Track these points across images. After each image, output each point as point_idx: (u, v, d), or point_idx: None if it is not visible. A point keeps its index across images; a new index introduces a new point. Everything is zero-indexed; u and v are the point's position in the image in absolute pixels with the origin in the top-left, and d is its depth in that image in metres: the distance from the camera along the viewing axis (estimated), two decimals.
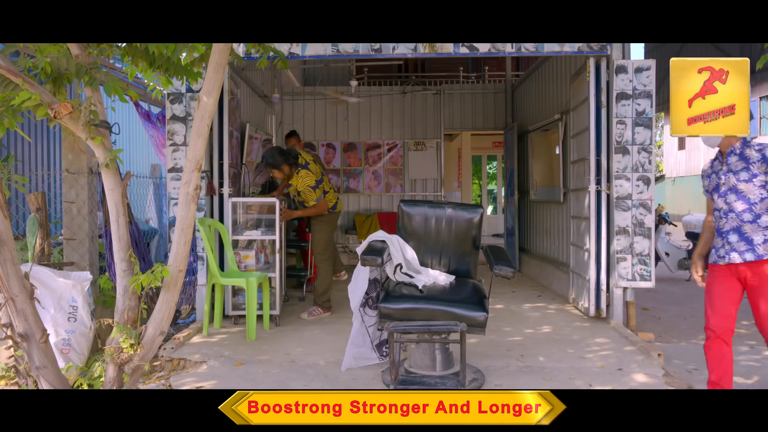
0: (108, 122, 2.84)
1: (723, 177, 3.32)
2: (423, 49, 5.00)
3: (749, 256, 3.17)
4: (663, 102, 11.75)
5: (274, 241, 5.40)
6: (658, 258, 7.87)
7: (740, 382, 3.81)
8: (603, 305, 5.11)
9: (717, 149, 3.40)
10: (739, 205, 3.23)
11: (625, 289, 5.03)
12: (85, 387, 3.62)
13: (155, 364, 4.17)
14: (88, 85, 2.71)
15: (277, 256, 5.33)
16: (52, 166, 8.10)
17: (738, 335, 4.97)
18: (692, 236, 8.42)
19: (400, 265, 3.86)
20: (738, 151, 3.29)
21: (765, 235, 3.18)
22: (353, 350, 3.96)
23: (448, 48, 4.99)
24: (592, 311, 5.18)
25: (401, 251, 3.92)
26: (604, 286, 5.09)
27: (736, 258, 3.20)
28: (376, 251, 3.70)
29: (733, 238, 3.23)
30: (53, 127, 3.26)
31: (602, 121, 5.02)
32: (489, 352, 4.32)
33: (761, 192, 3.21)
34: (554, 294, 6.60)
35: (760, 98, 15.09)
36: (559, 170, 6.52)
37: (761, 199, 3.20)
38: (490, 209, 16.76)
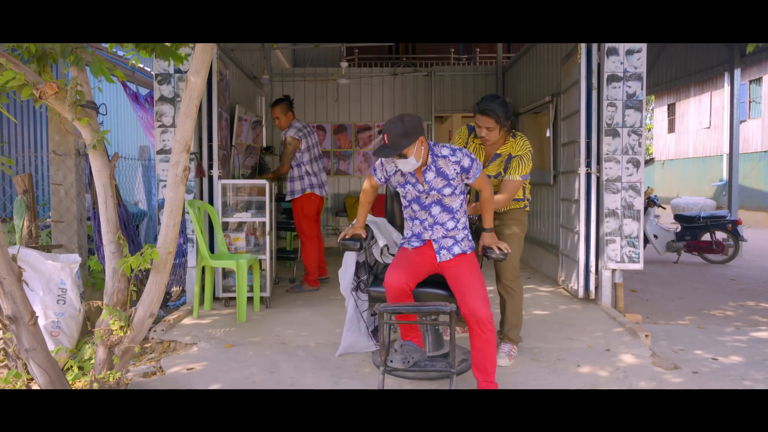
0: (94, 103, 2.81)
1: (424, 193, 3.31)
2: None
3: (456, 250, 3.34)
4: (654, 85, 11.76)
5: (264, 223, 5.39)
6: (646, 240, 7.94)
7: (723, 360, 3.86)
8: (592, 287, 5.15)
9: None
10: (444, 216, 3.34)
11: (613, 270, 5.07)
12: (75, 369, 3.61)
13: (146, 346, 4.17)
14: (73, 64, 2.67)
15: (267, 238, 5.33)
16: (39, 147, 8.02)
17: (724, 317, 5.04)
18: (681, 219, 8.48)
19: (386, 246, 3.86)
20: (433, 167, 3.24)
21: (466, 233, 3.38)
22: (349, 338, 3.95)
23: None
24: (581, 293, 5.22)
25: (387, 233, 3.92)
26: (593, 268, 5.12)
27: (446, 255, 3.35)
28: (356, 236, 3.71)
29: (443, 242, 3.36)
30: (39, 107, 3.22)
31: (593, 104, 5.02)
32: None
33: (460, 199, 3.33)
34: (544, 276, 6.64)
35: (750, 82, 15.13)
36: (549, 153, 6.53)
37: (461, 204, 3.35)
38: None
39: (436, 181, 3.25)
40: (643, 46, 4.95)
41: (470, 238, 3.41)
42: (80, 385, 3.46)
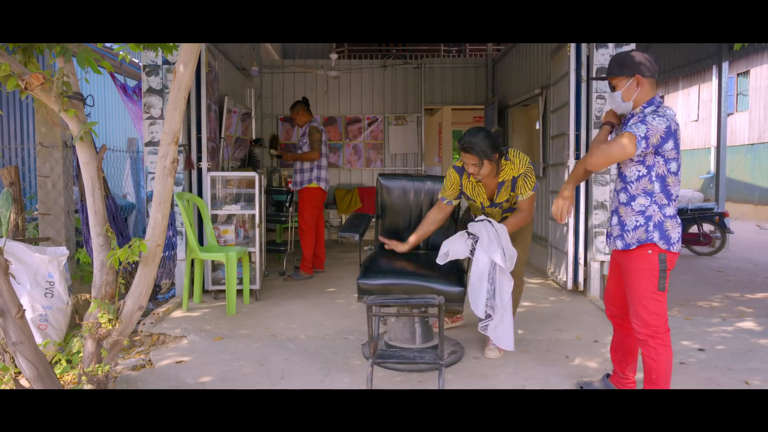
0: (81, 94, 2.78)
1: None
2: None
3: (619, 244, 2.84)
4: None
5: (253, 216, 5.38)
6: None
7: (709, 350, 3.90)
8: (581, 279, 5.19)
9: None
10: (618, 184, 2.86)
11: (602, 262, 5.10)
12: (64, 363, 3.60)
13: (135, 339, 4.15)
14: (60, 55, 2.64)
15: (257, 230, 5.31)
16: (26, 139, 7.93)
17: (711, 308, 5.09)
18: None
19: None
20: (636, 119, 2.76)
21: (637, 221, 2.76)
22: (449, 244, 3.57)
23: None
24: (570, 284, 5.25)
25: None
26: (581, 260, 5.16)
27: (611, 244, 2.92)
28: (353, 227, 3.74)
29: (614, 220, 2.90)
30: (25, 99, 3.19)
31: (582, 96, 5.04)
32: (468, 325, 4.37)
33: (638, 168, 2.74)
34: (533, 268, 6.67)
35: (737, 75, 15.22)
36: (539, 145, 6.55)
37: (638, 178, 2.74)
38: None
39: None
40: None
41: (650, 229, 2.73)
42: (68, 378, 3.45)
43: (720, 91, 9.29)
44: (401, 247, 3.82)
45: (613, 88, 2.84)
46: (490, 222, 3.51)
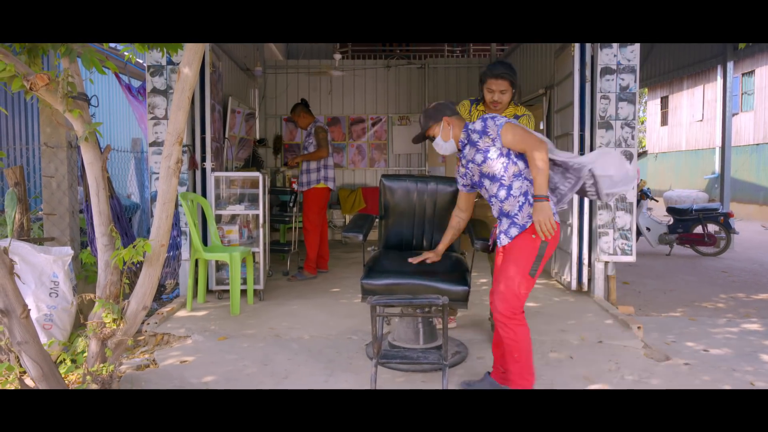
0: (86, 94, 2.79)
1: (469, 169, 3.18)
2: None
3: (514, 231, 2.99)
4: (647, 77, 11.78)
5: (257, 216, 5.38)
6: (639, 233, 7.96)
7: (714, 351, 3.89)
8: (585, 279, 5.17)
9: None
10: (492, 187, 3.06)
11: (606, 263, 5.09)
12: (68, 362, 3.60)
13: (139, 338, 4.16)
14: (64, 56, 2.65)
15: (261, 230, 5.32)
16: (31, 139, 7.96)
17: (715, 308, 5.08)
18: (673, 211, 8.52)
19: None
20: (466, 140, 3.16)
21: (519, 202, 2.99)
22: None
23: None
24: (574, 285, 5.24)
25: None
26: (586, 261, 5.14)
27: (504, 240, 3.03)
28: (357, 227, 3.75)
29: (503, 221, 3.07)
30: (30, 99, 3.20)
31: (586, 96, 5.03)
32: (472, 325, 4.37)
33: (502, 162, 3.00)
34: None
35: (742, 74, 15.17)
36: None
37: (505, 168, 3.00)
38: None
39: (470, 151, 3.14)
40: None
41: (530, 203, 2.95)
42: (73, 378, 3.46)
43: (725, 90, 9.26)
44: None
45: (432, 138, 3.28)
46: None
